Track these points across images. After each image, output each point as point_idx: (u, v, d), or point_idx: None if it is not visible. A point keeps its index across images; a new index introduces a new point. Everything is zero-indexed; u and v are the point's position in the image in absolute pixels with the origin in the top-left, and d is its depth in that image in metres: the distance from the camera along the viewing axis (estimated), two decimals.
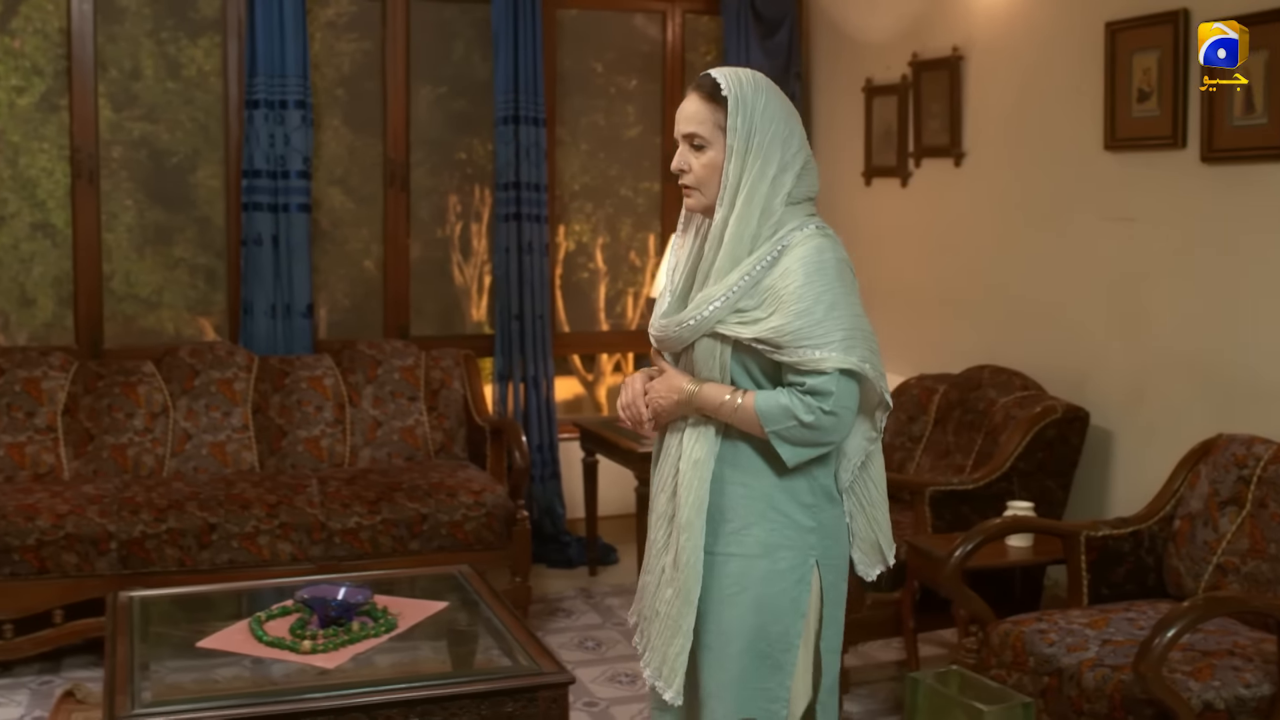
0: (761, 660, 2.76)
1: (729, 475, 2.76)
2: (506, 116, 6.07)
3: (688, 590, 2.73)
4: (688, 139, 2.77)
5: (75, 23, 5.76)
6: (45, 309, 5.99)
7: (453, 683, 3.42)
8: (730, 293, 2.69)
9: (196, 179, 6.15)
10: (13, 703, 4.65)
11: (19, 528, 4.74)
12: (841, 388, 2.64)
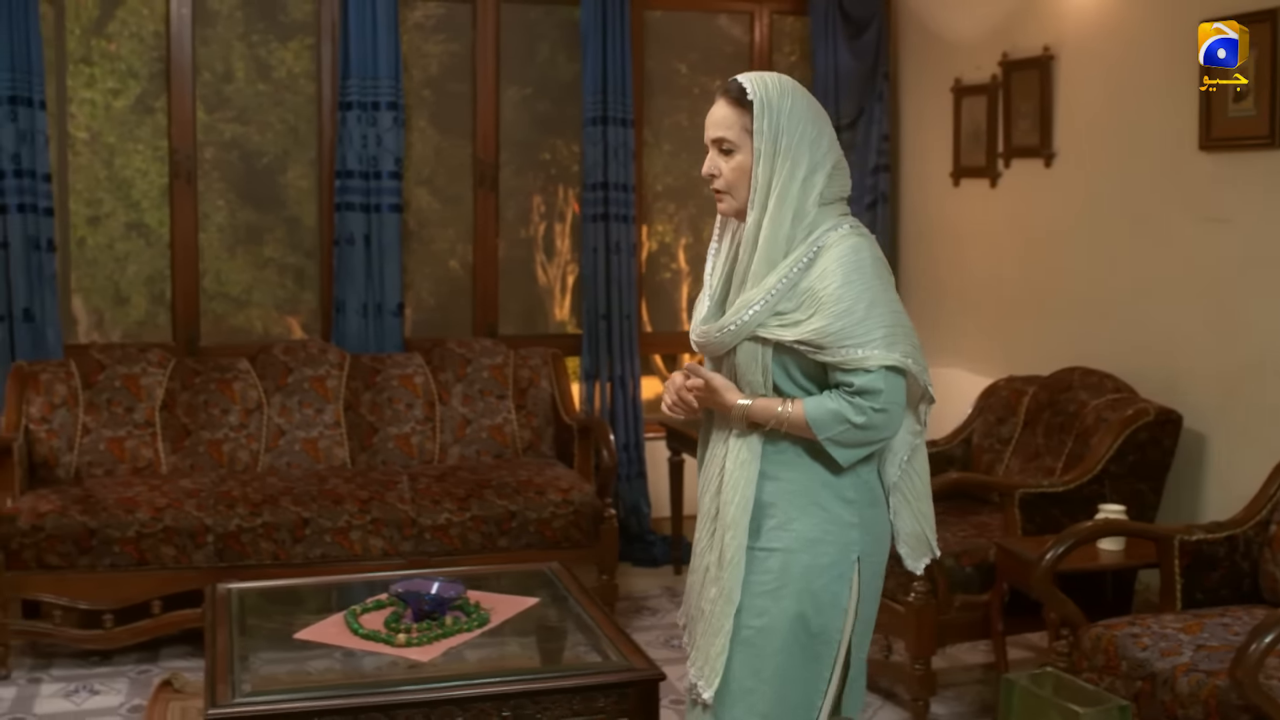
0: (801, 653, 2.77)
1: (772, 471, 2.78)
2: (595, 117, 6.11)
3: (730, 589, 2.76)
4: (716, 144, 2.79)
5: (174, 26, 5.88)
6: (139, 307, 6.11)
7: (545, 678, 3.45)
8: (769, 296, 2.70)
9: (286, 179, 6.25)
10: (112, 691, 4.76)
11: (119, 520, 4.85)
12: (889, 384, 2.67)
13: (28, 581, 4.83)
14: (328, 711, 3.26)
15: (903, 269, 6.55)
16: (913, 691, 4.49)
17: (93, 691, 4.75)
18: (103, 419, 5.37)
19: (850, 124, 6.46)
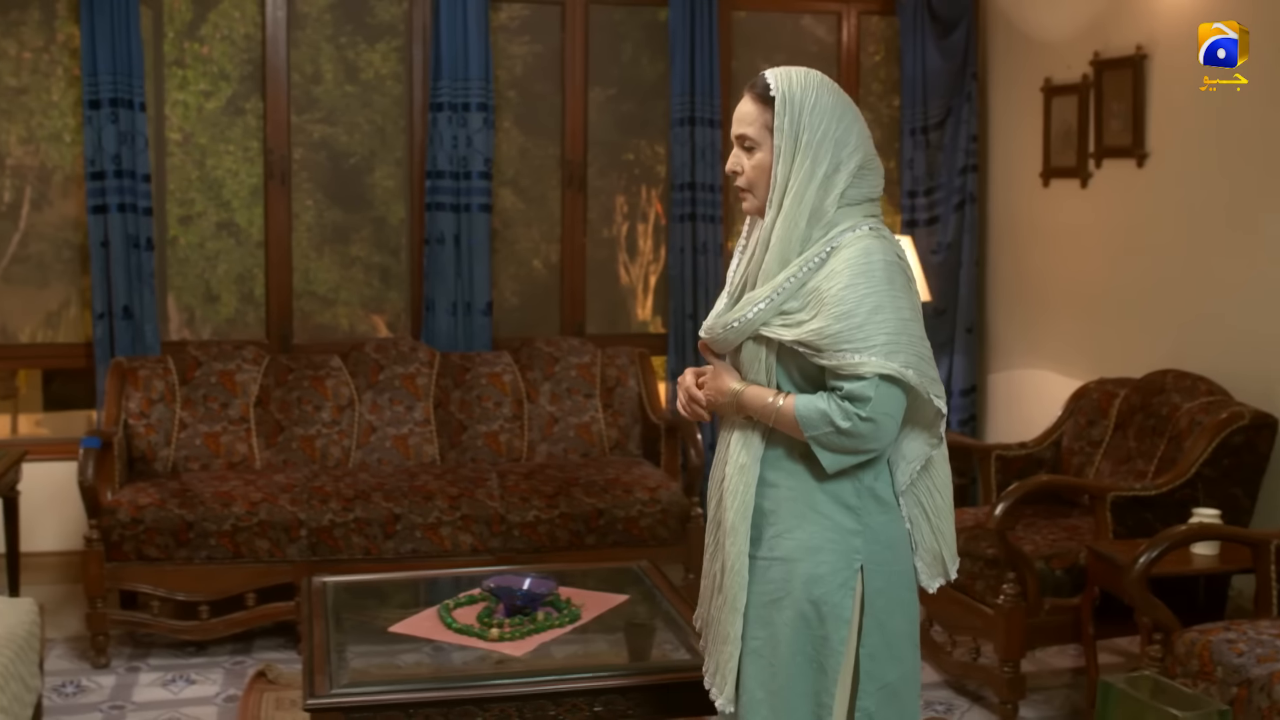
0: (808, 664, 2.69)
1: (773, 478, 2.72)
2: (683, 118, 6.13)
3: (734, 596, 2.71)
4: (739, 140, 2.74)
5: (269, 29, 5.98)
6: (228, 305, 6.22)
7: (636, 674, 3.48)
8: (775, 294, 2.65)
9: (373, 179, 6.32)
10: (208, 681, 4.85)
11: (216, 514, 4.95)
12: (881, 393, 2.57)
13: (127, 572, 4.94)
14: (423, 704, 3.30)
15: (990, 270, 6.50)
16: (1001, 694, 4.47)
17: (189, 681, 4.85)
18: (199, 414, 5.48)
19: (938, 124, 6.43)
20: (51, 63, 5.92)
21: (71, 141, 5.94)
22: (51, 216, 6.03)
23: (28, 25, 5.88)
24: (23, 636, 4.12)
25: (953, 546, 2.84)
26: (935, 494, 2.79)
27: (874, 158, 2.73)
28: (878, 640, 2.71)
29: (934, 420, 2.71)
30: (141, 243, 5.66)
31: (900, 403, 2.62)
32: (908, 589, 2.77)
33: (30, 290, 6.04)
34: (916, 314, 2.67)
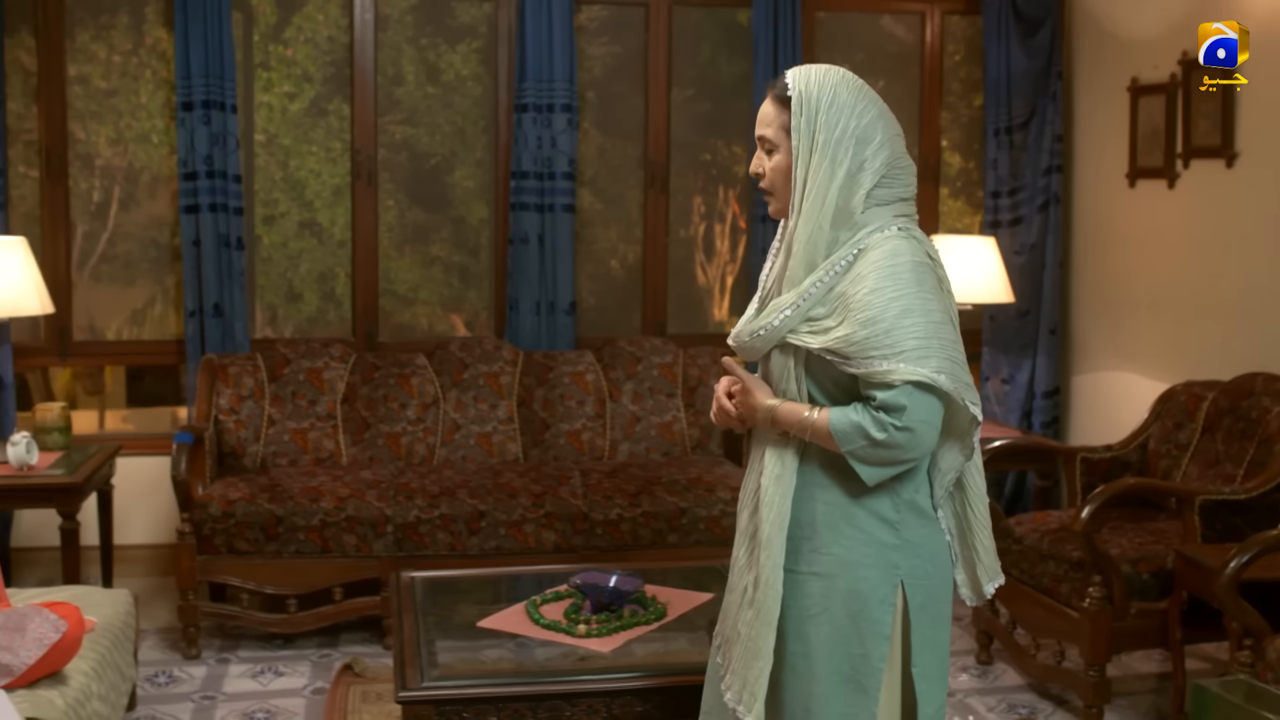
0: (845, 683, 2.62)
1: (810, 491, 2.64)
2: None
3: (768, 611, 2.62)
4: (760, 142, 2.68)
5: (357, 32, 6.06)
6: (310, 303, 6.30)
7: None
8: (801, 300, 2.58)
9: (453, 180, 6.38)
10: (296, 673, 4.93)
11: (305, 509, 5.02)
12: (915, 401, 2.49)
13: (217, 565, 5.03)
14: (514, 698, 3.35)
15: (1075, 271, 6.45)
16: (1086, 699, 4.44)
17: (278, 673, 4.93)
18: (287, 411, 5.57)
19: (1022, 124, 6.39)
20: (140, 65, 6.04)
21: (159, 143, 6.06)
22: (139, 216, 6.15)
23: (117, 29, 6.00)
24: (119, 627, 4.23)
25: (992, 560, 2.77)
26: (969, 507, 2.73)
27: (903, 155, 2.65)
28: (929, 659, 2.65)
29: (969, 428, 2.63)
30: (232, 242, 5.76)
31: (937, 409, 2.54)
32: (947, 602, 2.72)
33: (117, 288, 6.16)
34: (949, 317, 2.59)
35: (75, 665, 3.75)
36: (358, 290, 6.17)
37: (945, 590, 2.70)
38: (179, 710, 4.58)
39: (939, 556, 2.68)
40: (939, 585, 2.68)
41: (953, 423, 2.61)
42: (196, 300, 5.77)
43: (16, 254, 5.08)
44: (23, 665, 3.56)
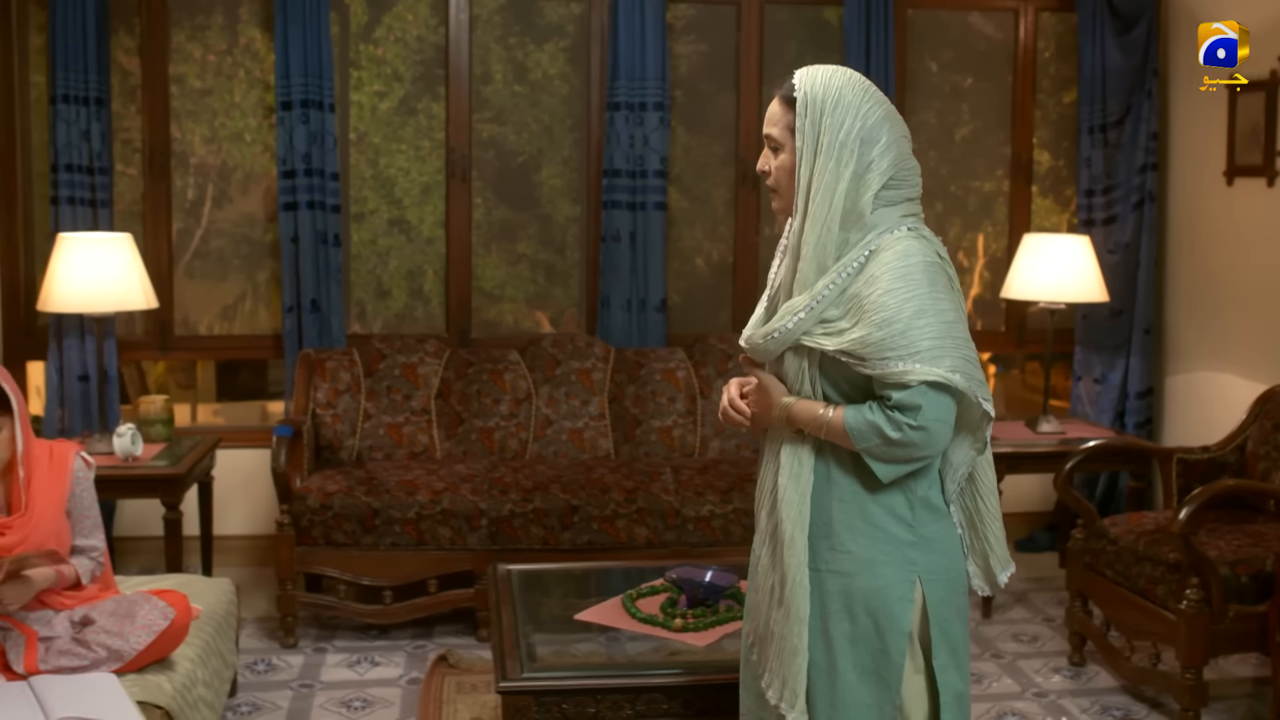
0: (868, 677, 2.65)
1: (827, 490, 2.66)
2: None
3: (797, 608, 2.65)
4: (767, 140, 2.71)
5: (452, 32, 6.13)
6: (398, 300, 6.38)
7: None
8: (815, 302, 2.58)
9: (540, 178, 6.42)
10: (391, 663, 5.01)
11: (401, 502, 5.10)
12: (929, 401, 2.52)
13: (315, 557, 5.11)
14: (612, 690, 3.39)
15: (1170, 270, 6.38)
16: (1182, 702, 4.40)
17: (373, 663, 5.00)
18: (382, 405, 5.65)
19: (1117, 122, 6.32)
20: (234, 65, 6.15)
21: (251, 141, 6.17)
22: (231, 213, 6.27)
23: (212, 29, 6.11)
24: (221, 615, 4.32)
25: (1002, 552, 2.80)
26: (980, 500, 2.76)
27: (910, 156, 2.66)
28: (946, 652, 2.68)
29: (980, 424, 2.66)
30: (329, 239, 5.85)
31: (950, 408, 2.57)
32: (963, 594, 2.75)
33: (209, 284, 6.28)
34: (960, 315, 2.61)
35: (181, 652, 3.85)
36: (451, 286, 6.25)
37: (961, 583, 2.74)
38: (278, 698, 4.67)
39: (953, 551, 2.72)
40: (955, 579, 2.71)
41: (965, 418, 2.64)
42: (294, 296, 5.86)
43: (123, 250, 5.20)
44: (133, 651, 3.66)
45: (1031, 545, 6.48)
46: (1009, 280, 5.86)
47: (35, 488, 3.68)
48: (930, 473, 2.68)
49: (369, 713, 4.56)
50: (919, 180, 2.69)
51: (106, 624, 3.68)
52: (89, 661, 3.61)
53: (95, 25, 5.66)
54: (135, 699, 3.52)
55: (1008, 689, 4.83)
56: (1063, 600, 5.61)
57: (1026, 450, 5.53)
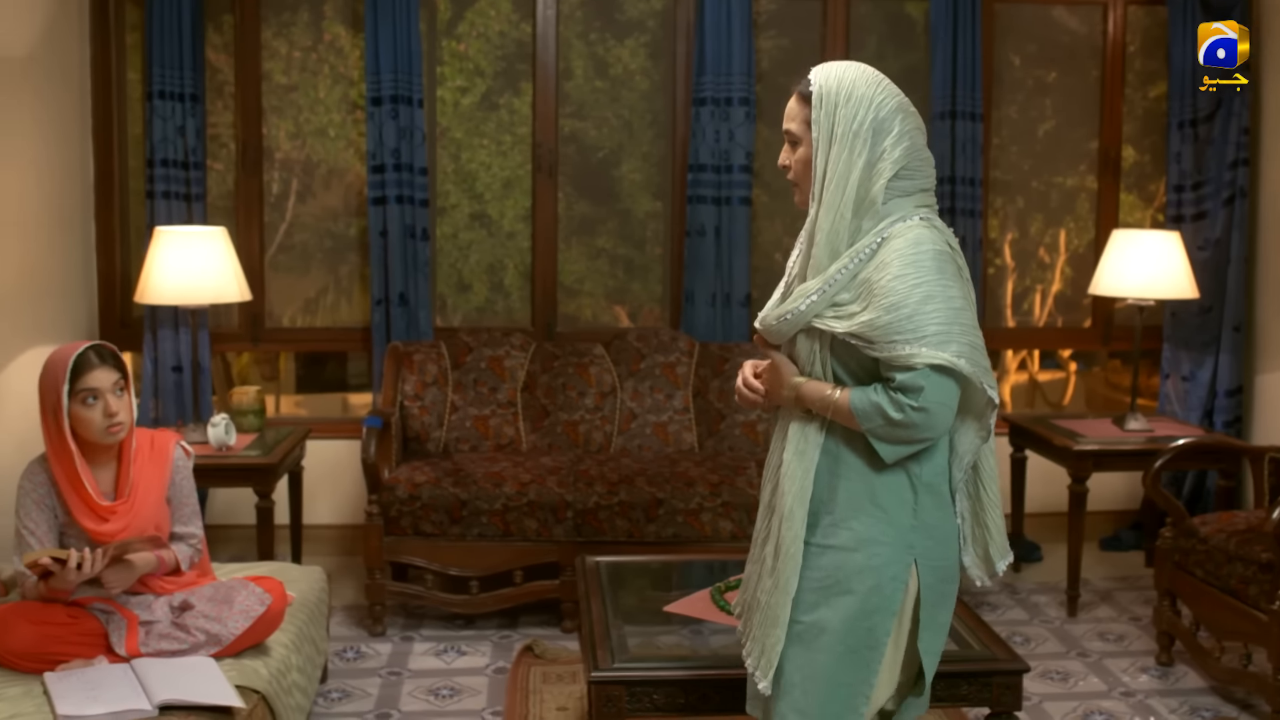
0: (849, 654, 2.72)
1: (832, 467, 2.73)
2: (943, 111, 6.09)
3: (786, 580, 2.73)
4: (786, 135, 2.80)
5: (539, 27, 6.17)
6: (479, 294, 6.43)
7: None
8: (827, 286, 2.67)
9: (620, 173, 6.45)
10: (477, 652, 5.06)
11: (488, 493, 5.15)
12: (933, 384, 2.59)
13: (403, 546, 5.18)
14: (701, 681, 3.41)
15: (1261, 266, 6.29)
16: (1273, 704, 4.35)
17: (460, 652, 5.06)
18: (469, 397, 5.71)
19: (1207, 117, 6.25)
20: (319, 62, 6.23)
21: (335, 136, 6.25)
22: (313, 208, 6.36)
23: (297, 26, 6.20)
24: (313, 602, 4.39)
25: (1001, 541, 2.87)
26: (984, 486, 2.84)
27: (923, 148, 2.75)
28: (932, 635, 2.77)
29: (985, 411, 2.73)
30: (418, 233, 5.91)
31: (953, 392, 2.63)
32: (953, 582, 2.82)
33: (292, 278, 6.36)
34: (968, 303, 2.68)
35: (276, 638, 3.92)
36: (537, 280, 6.30)
37: (953, 573, 2.81)
38: (367, 684, 4.74)
39: (950, 540, 2.80)
40: (949, 567, 2.79)
41: (970, 406, 2.72)
42: (383, 289, 5.93)
43: (218, 243, 5.30)
44: (230, 635, 3.73)
45: (1116, 544, 6.43)
46: (1097, 276, 5.81)
47: (138, 475, 3.77)
48: (936, 459, 2.74)
49: (457, 701, 4.62)
50: (932, 171, 2.77)
51: (205, 609, 3.76)
52: (188, 645, 3.69)
53: (190, 23, 5.76)
54: (233, 683, 3.59)
55: (1094, 688, 4.80)
56: (1149, 599, 5.56)
57: (1114, 448, 5.48)
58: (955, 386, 2.63)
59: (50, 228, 5.40)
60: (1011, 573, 6.04)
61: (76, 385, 3.63)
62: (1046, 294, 6.76)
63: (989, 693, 3.46)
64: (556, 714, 4.45)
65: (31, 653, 3.56)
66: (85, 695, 3.40)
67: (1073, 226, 6.69)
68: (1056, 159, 6.64)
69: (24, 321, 5.10)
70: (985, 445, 2.80)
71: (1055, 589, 5.83)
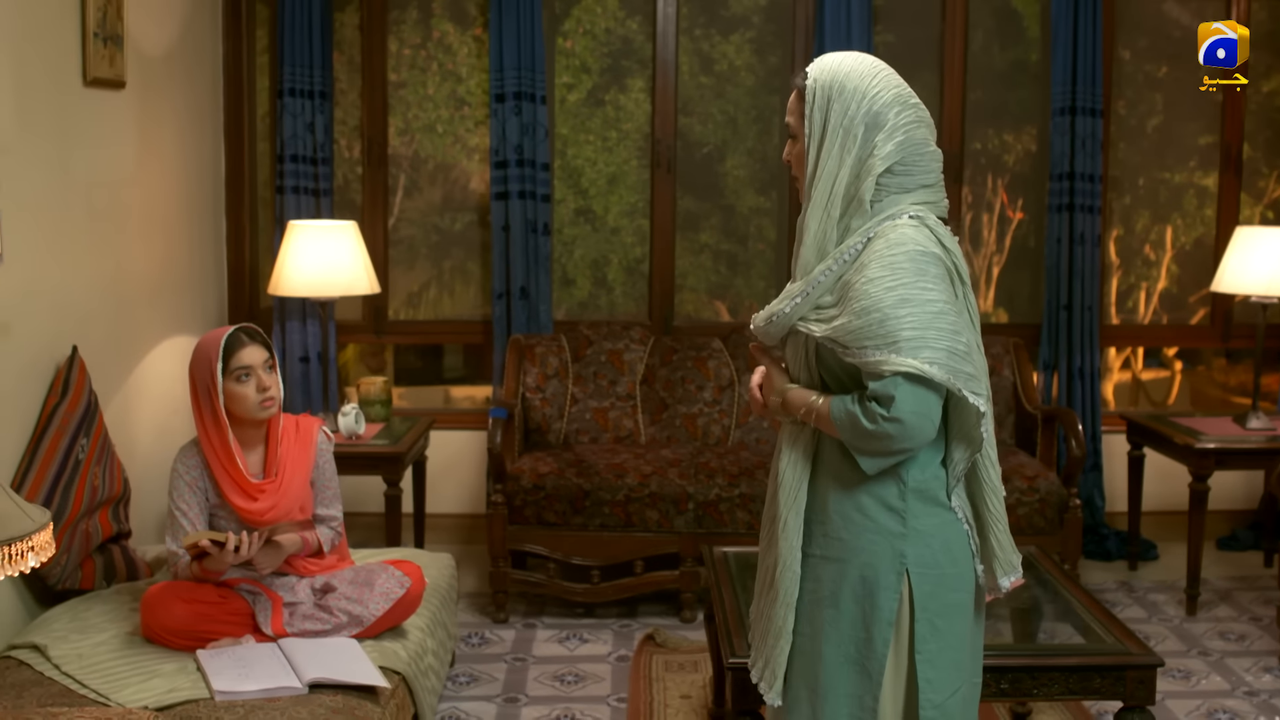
0: (850, 665, 2.65)
1: (824, 478, 2.66)
2: (1063, 107, 6.06)
3: (786, 591, 2.68)
4: (788, 130, 2.71)
5: (660, 25, 6.23)
6: (582, 288, 6.51)
7: (1048, 655, 3.56)
8: (810, 288, 2.60)
9: (724, 169, 6.50)
10: (599, 640, 5.15)
11: (610, 484, 5.23)
12: (904, 393, 2.46)
13: (526, 535, 5.28)
14: None
15: None
16: None
17: (582, 640, 5.15)
18: (589, 390, 5.80)
19: None
20: (427, 59, 6.35)
21: (443, 133, 6.37)
22: (419, 203, 6.48)
23: (406, 24, 6.32)
24: (444, 588, 4.50)
25: (1009, 553, 2.73)
26: (985, 499, 2.70)
27: (925, 142, 2.62)
28: (934, 647, 2.64)
29: (975, 420, 2.58)
30: (539, 228, 6.00)
31: (929, 401, 2.50)
32: (965, 592, 2.69)
33: (398, 271, 6.48)
34: (952, 306, 2.54)
35: (412, 621, 4.03)
36: (655, 275, 6.36)
37: (960, 580, 2.68)
38: (494, 670, 4.84)
39: (952, 546, 2.66)
40: (951, 575, 2.66)
41: (959, 414, 2.60)
42: (504, 282, 6.03)
43: (349, 237, 5.43)
44: (371, 617, 3.85)
45: (1234, 543, 6.37)
46: (1219, 273, 5.76)
47: (285, 456, 3.90)
48: (928, 464, 2.64)
49: (582, 687, 4.70)
50: (937, 166, 2.65)
51: (346, 591, 3.87)
52: (330, 626, 3.80)
53: (320, 22, 5.91)
54: (375, 664, 3.69)
55: (1217, 686, 4.78)
56: (1270, 599, 5.52)
57: (1237, 446, 5.44)
58: (932, 394, 2.50)
59: (187, 222, 5.57)
60: (1127, 570, 6.02)
61: (230, 364, 3.77)
62: (1151, 292, 6.71)
63: (1122, 687, 3.47)
64: (680, 701, 4.52)
65: (183, 630, 3.70)
66: (238, 672, 3.53)
67: (1180, 223, 6.63)
68: (1166, 155, 6.58)
69: (163, 313, 5.27)
70: (983, 456, 2.66)
71: (1172, 588, 5.80)
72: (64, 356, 4.26)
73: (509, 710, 4.51)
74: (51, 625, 3.79)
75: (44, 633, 3.74)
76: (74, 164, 4.41)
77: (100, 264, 4.64)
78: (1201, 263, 6.53)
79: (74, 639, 3.71)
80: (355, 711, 3.40)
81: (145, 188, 5.06)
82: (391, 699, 3.61)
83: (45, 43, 4.22)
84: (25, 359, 4.05)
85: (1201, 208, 6.60)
